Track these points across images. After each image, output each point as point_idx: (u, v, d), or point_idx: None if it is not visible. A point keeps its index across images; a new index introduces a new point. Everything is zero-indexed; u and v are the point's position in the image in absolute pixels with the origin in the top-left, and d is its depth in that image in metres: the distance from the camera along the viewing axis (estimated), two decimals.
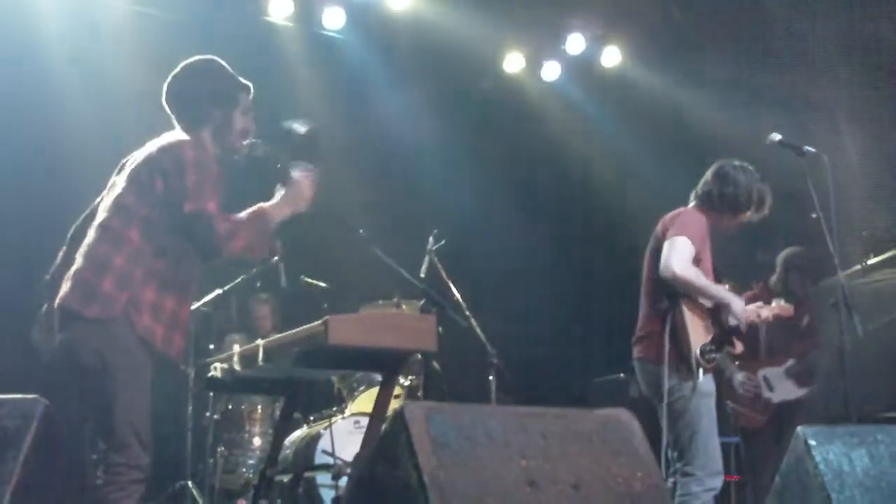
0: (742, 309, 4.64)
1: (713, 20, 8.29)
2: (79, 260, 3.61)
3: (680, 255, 4.52)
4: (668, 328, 4.52)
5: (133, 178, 3.66)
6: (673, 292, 4.57)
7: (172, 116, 3.85)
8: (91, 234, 3.66)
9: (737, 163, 4.82)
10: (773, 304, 5.00)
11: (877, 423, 4.88)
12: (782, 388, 5.95)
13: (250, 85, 3.91)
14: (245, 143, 3.90)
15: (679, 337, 4.53)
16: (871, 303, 5.90)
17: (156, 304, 3.56)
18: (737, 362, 5.88)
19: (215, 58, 3.91)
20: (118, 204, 3.64)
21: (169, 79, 3.87)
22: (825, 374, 6.02)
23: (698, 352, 4.50)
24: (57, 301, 3.59)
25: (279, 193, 3.87)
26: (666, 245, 4.59)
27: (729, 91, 8.06)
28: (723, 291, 4.63)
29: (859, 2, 7.55)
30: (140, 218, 3.59)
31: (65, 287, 3.59)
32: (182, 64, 3.88)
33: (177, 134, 3.76)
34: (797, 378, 5.97)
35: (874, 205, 7.50)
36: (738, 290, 4.96)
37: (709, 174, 4.83)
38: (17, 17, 6.73)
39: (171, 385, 6.09)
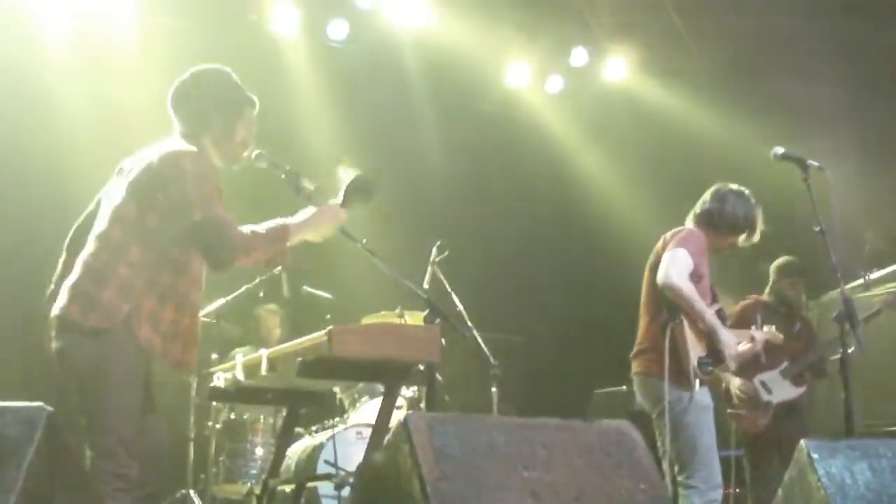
0: (734, 351, 4.68)
1: (715, 30, 8.30)
2: (77, 270, 3.59)
3: (678, 266, 4.58)
4: (667, 341, 4.54)
5: (133, 188, 3.62)
6: (673, 305, 4.60)
7: (175, 121, 3.81)
8: (91, 245, 3.63)
9: (734, 186, 4.94)
10: (765, 329, 5.10)
11: (879, 436, 4.87)
12: (779, 389, 6.05)
13: (256, 100, 3.90)
14: (245, 154, 3.89)
15: (678, 349, 4.56)
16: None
17: (154, 314, 3.54)
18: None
19: (226, 68, 3.90)
20: (118, 214, 3.61)
21: (176, 83, 3.84)
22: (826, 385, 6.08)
23: (696, 363, 4.55)
24: (55, 311, 3.58)
25: (306, 212, 3.84)
26: (665, 256, 4.64)
27: (732, 101, 8.06)
28: (715, 321, 4.63)
29: (859, 3, 7.55)
30: (141, 228, 3.57)
31: (62, 298, 3.57)
32: (191, 70, 3.86)
33: (176, 143, 3.71)
34: (793, 379, 6.08)
35: (877, 218, 7.49)
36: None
37: (707, 195, 4.93)
38: (23, 24, 6.77)
39: (173, 395, 6.09)
